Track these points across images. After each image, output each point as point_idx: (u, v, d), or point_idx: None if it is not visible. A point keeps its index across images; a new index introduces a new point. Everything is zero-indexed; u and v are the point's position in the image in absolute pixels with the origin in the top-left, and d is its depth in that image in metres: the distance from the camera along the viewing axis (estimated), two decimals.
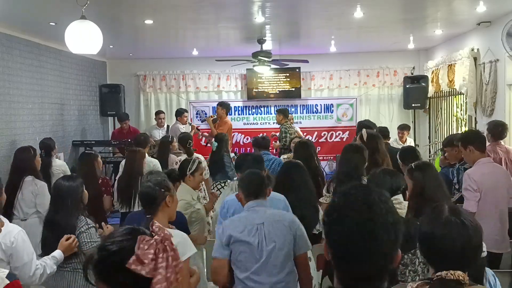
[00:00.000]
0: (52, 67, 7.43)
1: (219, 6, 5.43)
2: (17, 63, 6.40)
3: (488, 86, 6.40)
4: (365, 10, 5.64)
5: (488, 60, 6.37)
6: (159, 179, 2.80)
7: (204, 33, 7.19)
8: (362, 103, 9.71)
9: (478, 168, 3.90)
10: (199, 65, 9.65)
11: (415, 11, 5.95)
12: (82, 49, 3.91)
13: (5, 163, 6.04)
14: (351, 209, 1.19)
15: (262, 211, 2.94)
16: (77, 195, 3.18)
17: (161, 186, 2.73)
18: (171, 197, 2.76)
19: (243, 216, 2.96)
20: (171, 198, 2.75)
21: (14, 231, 2.79)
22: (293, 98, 9.56)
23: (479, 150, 3.98)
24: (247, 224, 2.87)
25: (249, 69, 9.03)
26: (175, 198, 2.82)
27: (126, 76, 9.74)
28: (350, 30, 7.12)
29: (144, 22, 6.04)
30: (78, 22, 3.77)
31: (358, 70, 9.63)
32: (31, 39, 6.75)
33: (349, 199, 1.22)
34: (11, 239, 2.75)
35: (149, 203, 2.72)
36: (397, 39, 8.00)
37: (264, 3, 5.35)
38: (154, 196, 2.70)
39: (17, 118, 6.38)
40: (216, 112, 8.37)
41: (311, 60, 8.27)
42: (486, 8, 5.53)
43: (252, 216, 2.91)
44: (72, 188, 3.17)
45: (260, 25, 6.47)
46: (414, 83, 9.01)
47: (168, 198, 2.72)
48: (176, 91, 9.84)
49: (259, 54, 7.56)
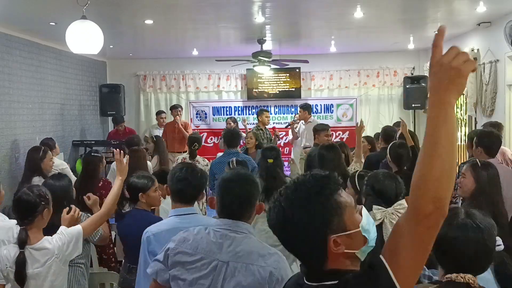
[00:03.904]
0: (52, 67, 7.43)
1: (219, 6, 5.42)
2: (17, 63, 6.40)
3: (488, 86, 6.41)
4: (365, 10, 5.64)
5: (488, 61, 6.38)
6: (41, 190, 2.69)
7: (204, 33, 7.19)
8: (362, 103, 9.70)
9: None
10: (199, 65, 9.65)
11: (415, 11, 5.95)
12: (82, 49, 3.91)
13: (5, 163, 6.04)
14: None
15: (231, 241, 1.96)
16: (70, 193, 3.21)
17: (43, 199, 2.64)
18: (48, 210, 2.69)
19: (204, 238, 1.99)
20: (48, 211, 2.68)
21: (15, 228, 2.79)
22: (293, 98, 9.55)
23: (488, 154, 3.91)
24: (205, 253, 1.96)
25: (249, 69, 9.03)
26: (50, 209, 2.71)
27: (126, 76, 9.74)
28: (350, 30, 7.12)
29: (144, 22, 6.04)
30: (79, 22, 3.77)
31: (358, 70, 9.63)
32: (31, 39, 6.75)
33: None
34: (15, 236, 2.75)
35: (27, 213, 2.60)
36: (397, 39, 8.00)
37: (264, 3, 5.35)
38: (33, 207, 2.60)
39: (17, 118, 6.38)
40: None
41: (311, 60, 8.27)
42: (486, 9, 5.53)
43: (215, 245, 1.96)
44: (65, 187, 3.17)
45: (260, 25, 6.47)
46: (414, 83, 9.02)
47: (45, 211, 2.65)
48: (176, 91, 9.84)
49: (259, 54, 7.56)
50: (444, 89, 1.16)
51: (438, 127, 1.16)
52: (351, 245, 1.25)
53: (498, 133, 4.40)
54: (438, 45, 1.17)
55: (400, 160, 4.02)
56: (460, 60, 1.15)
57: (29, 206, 2.60)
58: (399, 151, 4.05)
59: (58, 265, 2.59)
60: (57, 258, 2.58)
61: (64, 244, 2.61)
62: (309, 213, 1.24)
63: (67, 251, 2.62)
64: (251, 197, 2.04)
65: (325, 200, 1.25)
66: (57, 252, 2.58)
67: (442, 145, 1.15)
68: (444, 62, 1.16)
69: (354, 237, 1.26)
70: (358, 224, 1.27)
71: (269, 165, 3.92)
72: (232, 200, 2.01)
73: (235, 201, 2.01)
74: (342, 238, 1.24)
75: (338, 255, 1.25)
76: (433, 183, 1.14)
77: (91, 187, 4.23)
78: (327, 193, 1.26)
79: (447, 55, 1.16)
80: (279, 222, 1.29)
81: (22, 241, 2.55)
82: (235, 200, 2.01)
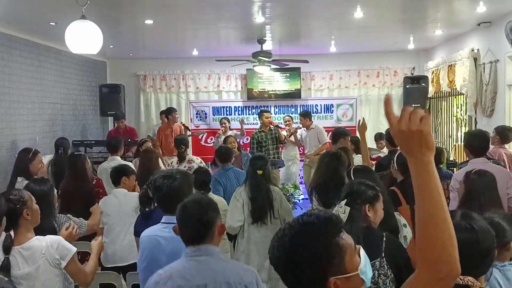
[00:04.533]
0: (52, 67, 7.43)
1: (219, 6, 5.43)
2: (17, 63, 6.40)
3: (488, 86, 6.41)
4: (365, 11, 5.64)
5: (488, 61, 6.38)
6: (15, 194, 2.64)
7: (204, 33, 7.19)
8: (362, 103, 9.71)
9: (468, 168, 3.87)
10: (199, 65, 9.65)
11: (415, 11, 5.95)
12: (82, 49, 3.91)
13: (5, 163, 6.04)
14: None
15: (205, 264, 2.03)
16: (50, 198, 3.21)
17: (16, 203, 2.60)
18: (30, 209, 2.65)
19: (177, 270, 2.03)
20: (29, 211, 2.65)
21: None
22: (293, 99, 9.56)
23: (473, 154, 4.00)
24: (181, 283, 2.00)
25: (249, 69, 9.03)
26: (34, 208, 2.68)
27: (126, 76, 9.74)
28: (350, 30, 7.12)
29: (144, 22, 6.04)
30: (78, 22, 3.77)
31: (358, 70, 9.63)
32: (31, 39, 6.75)
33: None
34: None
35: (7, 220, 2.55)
36: (397, 40, 8.00)
37: (264, 3, 5.35)
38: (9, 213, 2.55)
39: (17, 118, 6.38)
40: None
41: (311, 60, 8.27)
42: (486, 9, 5.53)
43: (189, 272, 2.01)
44: (45, 192, 3.16)
45: (260, 25, 6.47)
46: (414, 84, 9.01)
47: (26, 212, 2.62)
48: (176, 91, 9.84)
49: (259, 54, 7.56)
50: (417, 152, 1.20)
51: (426, 187, 1.20)
52: (350, 287, 1.29)
53: (484, 133, 4.38)
54: (390, 112, 1.21)
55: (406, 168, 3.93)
56: (417, 121, 1.18)
57: (5, 213, 2.57)
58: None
59: (46, 265, 2.57)
60: (44, 257, 2.56)
61: (53, 247, 2.58)
62: (312, 254, 1.27)
63: (55, 254, 2.58)
64: (208, 222, 2.09)
65: (328, 243, 1.28)
66: (44, 251, 2.56)
67: (436, 204, 1.19)
68: (403, 129, 1.19)
69: (352, 280, 1.30)
70: (357, 267, 1.32)
71: (257, 176, 3.95)
72: (188, 226, 2.09)
73: (192, 227, 2.08)
74: (342, 280, 1.28)
75: None
76: (441, 246, 1.19)
77: (83, 186, 4.23)
78: (331, 236, 1.30)
79: (402, 120, 1.19)
80: (282, 260, 1.31)
81: (7, 247, 2.54)
82: (192, 227, 2.08)
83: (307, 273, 1.28)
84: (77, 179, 4.31)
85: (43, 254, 2.56)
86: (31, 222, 2.67)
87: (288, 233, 1.32)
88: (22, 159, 4.63)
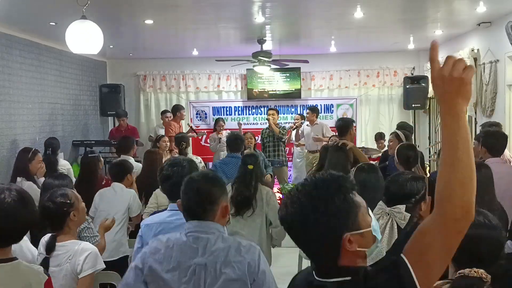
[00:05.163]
0: (52, 67, 7.43)
1: (219, 6, 5.43)
2: (17, 63, 6.40)
3: (488, 86, 6.41)
4: (365, 11, 5.64)
5: (488, 61, 6.38)
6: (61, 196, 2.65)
7: (204, 33, 7.19)
8: (362, 104, 9.70)
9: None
10: (199, 65, 9.65)
11: (415, 11, 5.95)
12: (82, 49, 3.91)
13: (5, 163, 6.04)
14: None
15: (205, 242, 1.94)
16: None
17: (64, 206, 2.62)
18: (77, 210, 2.67)
19: (177, 244, 1.95)
20: (76, 211, 2.66)
21: None
22: (293, 99, 9.55)
23: (492, 154, 3.90)
24: (179, 260, 1.92)
25: (249, 69, 9.02)
26: (80, 208, 2.71)
27: (126, 76, 9.74)
28: (350, 30, 7.12)
29: (144, 22, 6.04)
30: (78, 22, 3.77)
31: (358, 70, 9.63)
32: (31, 39, 6.75)
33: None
34: None
35: (54, 221, 2.60)
36: (397, 40, 8.00)
37: (264, 3, 5.35)
38: (56, 215, 2.59)
39: (17, 118, 6.38)
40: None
41: (311, 60, 8.27)
42: (486, 9, 5.53)
43: (190, 249, 1.93)
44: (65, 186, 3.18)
45: (260, 25, 6.47)
46: (414, 84, 9.01)
47: (73, 214, 2.64)
48: (176, 91, 9.84)
49: (259, 54, 7.56)
50: (452, 99, 1.21)
51: (454, 134, 1.20)
52: (363, 244, 1.31)
53: (503, 132, 4.37)
54: (434, 59, 1.22)
55: (409, 162, 3.97)
56: (460, 69, 1.20)
57: (52, 215, 2.60)
58: (408, 153, 4.00)
59: (69, 271, 2.53)
60: (69, 262, 2.53)
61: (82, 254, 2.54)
62: (329, 210, 1.28)
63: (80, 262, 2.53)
64: (211, 195, 2.00)
65: (344, 198, 1.30)
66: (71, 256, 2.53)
67: (460, 150, 1.20)
68: (444, 74, 1.20)
69: (365, 236, 1.32)
70: (369, 224, 1.33)
71: (248, 171, 3.96)
72: (190, 198, 2.00)
73: (194, 199, 1.99)
74: (356, 237, 1.29)
75: (350, 253, 1.29)
76: (459, 188, 1.20)
77: (91, 188, 4.25)
78: (346, 192, 1.31)
79: (445, 66, 1.20)
80: (296, 217, 1.32)
81: (49, 247, 2.54)
82: (193, 198, 1.99)
83: (322, 229, 1.28)
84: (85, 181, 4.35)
85: (69, 259, 2.53)
86: (77, 222, 2.69)
87: (303, 190, 1.33)
88: (22, 159, 4.62)
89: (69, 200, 2.65)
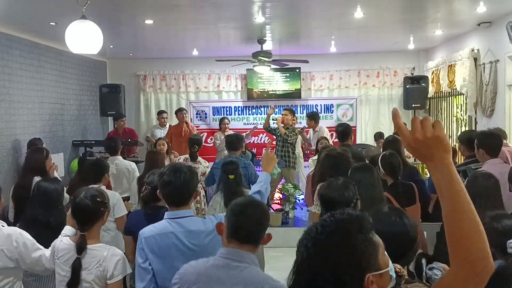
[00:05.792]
0: (52, 67, 7.43)
1: (219, 6, 5.43)
2: (17, 63, 6.40)
3: (488, 86, 6.41)
4: (365, 11, 5.64)
5: (488, 61, 6.37)
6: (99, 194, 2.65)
7: (204, 33, 7.19)
8: (362, 104, 9.70)
9: (487, 168, 3.79)
10: (199, 65, 9.65)
11: (415, 11, 5.95)
12: (82, 49, 3.90)
13: (5, 163, 6.04)
14: None
15: (235, 270, 1.95)
16: (61, 198, 3.31)
17: (101, 205, 2.61)
18: (108, 211, 2.69)
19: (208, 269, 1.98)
20: (108, 213, 2.68)
21: (14, 235, 2.75)
22: (293, 99, 9.55)
23: (491, 155, 3.92)
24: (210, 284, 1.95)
25: (249, 69, 9.02)
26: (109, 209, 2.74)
27: (126, 76, 9.74)
28: (350, 30, 7.12)
29: (144, 22, 6.04)
30: (78, 22, 3.76)
31: (358, 71, 9.63)
32: (31, 39, 6.75)
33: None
34: (14, 244, 2.71)
35: (86, 220, 2.58)
36: (397, 40, 8.00)
37: (264, 3, 5.35)
38: (92, 213, 2.58)
39: (17, 118, 6.38)
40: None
41: (311, 60, 8.27)
42: (486, 9, 5.53)
43: (219, 275, 1.95)
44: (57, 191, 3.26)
45: (260, 25, 6.47)
46: (414, 84, 9.01)
47: (106, 214, 2.64)
48: (176, 91, 9.84)
49: (259, 54, 7.56)
50: (435, 156, 1.23)
51: (450, 189, 1.22)
52: (381, 284, 1.30)
53: (498, 132, 4.38)
54: (400, 126, 1.25)
55: (394, 170, 3.84)
56: (430, 128, 1.22)
57: (88, 213, 2.56)
58: (392, 161, 3.84)
59: (98, 276, 2.51)
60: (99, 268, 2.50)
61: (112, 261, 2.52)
62: (352, 250, 1.27)
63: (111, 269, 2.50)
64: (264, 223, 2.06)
65: (366, 239, 1.29)
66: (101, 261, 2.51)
67: (461, 202, 1.21)
68: (418, 137, 1.22)
69: (384, 276, 1.31)
70: (388, 263, 1.33)
71: (230, 180, 4.02)
72: (248, 223, 2.01)
73: (252, 225, 2.01)
74: (376, 277, 1.28)
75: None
76: (471, 244, 1.21)
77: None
78: (366, 232, 1.31)
79: (415, 130, 1.23)
80: (318, 259, 1.29)
81: (80, 248, 2.51)
82: (251, 224, 2.01)
83: (345, 271, 1.26)
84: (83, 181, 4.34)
85: (99, 264, 2.50)
86: (102, 224, 2.67)
87: (324, 231, 1.30)
88: (38, 159, 4.60)
89: (106, 200, 2.64)
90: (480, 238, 1.21)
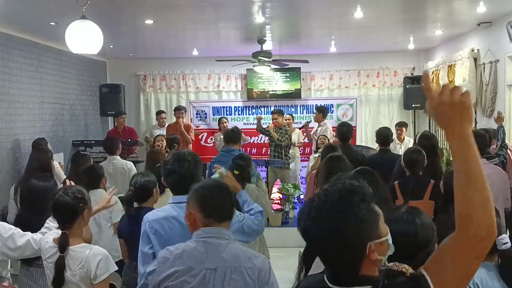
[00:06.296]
0: (52, 67, 7.43)
1: (219, 6, 5.43)
2: (17, 63, 6.40)
3: (488, 86, 6.41)
4: (365, 11, 5.64)
5: (488, 61, 6.38)
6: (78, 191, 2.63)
7: (204, 33, 7.19)
8: (362, 104, 9.70)
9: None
10: (199, 65, 9.65)
11: (415, 11, 5.95)
12: (82, 49, 3.91)
13: (5, 163, 6.04)
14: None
15: (216, 247, 2.00)
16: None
17: (81, 201, 2.58)
18: (89, 210, 2.66)
19: (187, 250, 2.01)
20: (88, 211, 2.65)
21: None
22: (293, 99, 9.55)
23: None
24: (191, 264, 1.98)
25: (249, 69, 9.02)
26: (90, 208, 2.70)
27: (126, 76, 9.74)
28: (350, 30, 7.12)
29: (144, 22, 6.04)
30: (78, 22, 3.77)
31: (358, 71, 9.63)
32: (31, 39, 6.75)
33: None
34: None
35: (67, 217, 2.56)
36: (397, 40, 8.00)
37: (264, 3, 5.36)
38: (72, 209, 2.55)
39: (17, 118, 6.38)
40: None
41: (311, 60, 8.27)
42: (486, 9, 5.53)
43: (200, 254, 1.98)
44: (50, 188, 3.20)
45: (260, 25, 6.47)
46: (414, 84, 9.01)
47: (86, 212, 2.61)
48: (176, 91, 9.84)
49: (259, 54, 7.56)
50: (457, 123, 1.25)
51: (465, 157, 1.24)
52: (381, 252, 1.32)
53: (484, 132, 4.43)
54: (430, 89, 1.28)
55: (414, 166, 4.00)
56: (459, 94, 1.24)
57: (68, 209, 2.54)
58: (412, 157, 4.02)
59: (82, 276, 2.49)
60: (83, 268, 2.49)
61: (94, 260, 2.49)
62: (356, 219, 1.28)
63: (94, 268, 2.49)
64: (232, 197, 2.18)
65: (368, 207, 1.31)
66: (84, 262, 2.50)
67: (474, 172, 1.23)
68: (445, 100, 1.24)
69: (383, 244, 1.34)
70: (387, 232, 1.36)
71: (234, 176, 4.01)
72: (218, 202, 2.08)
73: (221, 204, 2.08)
74: (377, 245, 1.31)
75: (370, 262, 1.30)
76: (480, 208, 1.22)
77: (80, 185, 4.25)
78: (369, 201, 1.33)
79: (443, 93, 1.25)
80: (322, 228, 1.29)
81: (63, 246, 2.49)
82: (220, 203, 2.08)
83: (349, 238, 1.27)
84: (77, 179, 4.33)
85: (82, 266, 2.48)
86: (84, 223, 2.64)
87: (328, 200, 1.31)
88: (45, 159, 4.59)
89: (85, 196, 2.63)
90: (490, 206, 1.23)
